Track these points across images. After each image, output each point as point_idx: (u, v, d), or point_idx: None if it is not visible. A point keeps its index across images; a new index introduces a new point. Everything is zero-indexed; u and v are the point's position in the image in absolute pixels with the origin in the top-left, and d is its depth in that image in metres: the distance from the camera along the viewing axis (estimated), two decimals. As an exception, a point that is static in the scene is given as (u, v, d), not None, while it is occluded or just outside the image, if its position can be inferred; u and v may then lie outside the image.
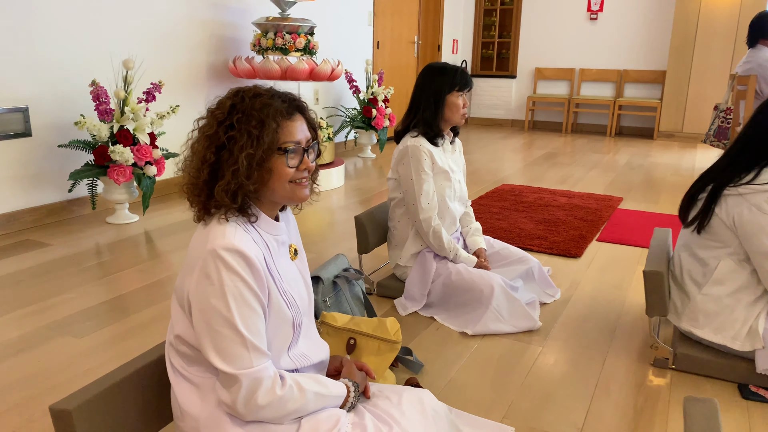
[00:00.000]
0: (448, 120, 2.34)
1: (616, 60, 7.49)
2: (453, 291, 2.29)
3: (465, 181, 2.55)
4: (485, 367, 1.94)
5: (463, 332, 2.16)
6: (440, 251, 2.34)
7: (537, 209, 3.81)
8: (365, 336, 1.64)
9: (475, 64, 8.39)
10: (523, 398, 1.76)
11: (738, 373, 1.85)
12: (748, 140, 1.87)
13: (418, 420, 1.32)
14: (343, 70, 5.01)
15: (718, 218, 1.86)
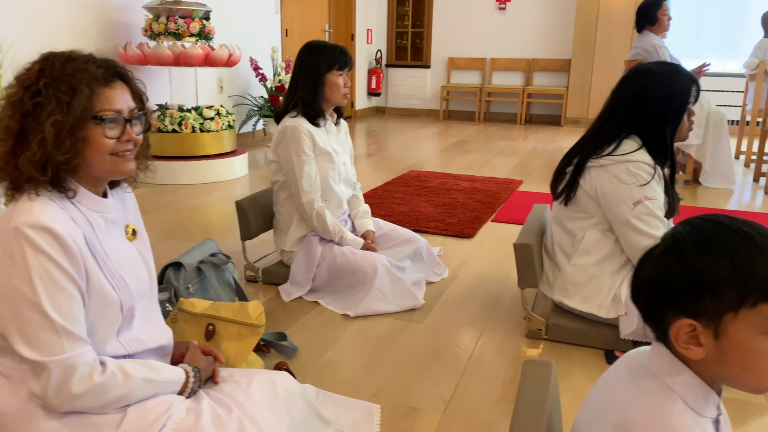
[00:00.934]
0: (329, 100, 2.29)
1: (525, 49, 7.69)
2: (338, 274, 2.25)
3: (352, 164, 2.52)
4: (362, 348, 1.91)
5: (346, 314, 2.13)
6: (325, 234, 2.29)
7: (439, 193, 3.83)
8: (225, 321, 1.57)
9: (390, 54, 8.40)
10: (395, 376, 1.75)
11: (605, 340, 1.91)
12: (609, 113, 1.92)
13: (266, 402, 1.27)
14: (241, 56, 4.85)
15: (582, 190, 1.90)
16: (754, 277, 0.69)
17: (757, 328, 0.70)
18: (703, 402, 0.75)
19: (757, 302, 0.69)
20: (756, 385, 0.74)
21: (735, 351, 0.71)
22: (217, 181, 4.15)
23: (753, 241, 0.71)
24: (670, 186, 1.90)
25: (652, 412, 0.74)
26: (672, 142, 1.88)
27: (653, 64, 1.89)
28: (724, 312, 0.70)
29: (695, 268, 0.71)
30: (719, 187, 4.23)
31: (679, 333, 0.73)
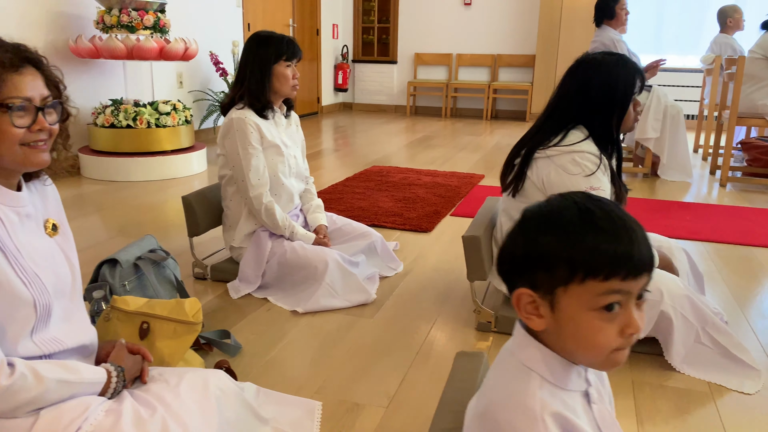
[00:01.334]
0: (277, 92, 2.24)
1: (490, 45, 7.71)
2: (288, 270, 2.20)
3: (304, 157, 2.47)
4: (309, 344, 1.87)
5: (295, 311, 2.09)
6: (275, 229, 2.24)
7: (400, 188, 3.81)
8: (160, 319, 1.52)
9: (356, 49, 8.34)
10: (340, 372, 1.71)
11: (553, 332, 1.90)
12: (556, 104, 1.91)
13: (195, 401, 1.23)
14: (198, 50, 4.75)
15: (530, 181, 1.89)
16: (583, 253, 0.69)
17: (586, 303, 0.70)
18: (562, 374, 0.75)
19: (585, 278, 0.70)
20: (593, 360, 0.74)
21: (568, 324, 0.72)
22: (174, 177, 4.06)
23: (592, 219, 0.71)
24: (616, 176, 1.90)
25: (509, 393, 0.74)
26: (618, 133, 1.88)
27: (598, 54, 1.88)
28: (556, 286, 0.72)
29: (531, 242, 0.73)
30: (677, 180, 4.29)
31: (520, 301, 0.75)
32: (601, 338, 0.71)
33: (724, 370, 1.73)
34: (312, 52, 7.49)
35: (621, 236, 0.70)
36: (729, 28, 5.04)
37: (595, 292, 0.70)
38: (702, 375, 1.72)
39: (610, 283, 0.69)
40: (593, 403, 0.79)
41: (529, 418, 0.70)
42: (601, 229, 0.70)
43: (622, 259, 0.69)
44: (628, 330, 0.71)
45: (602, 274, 0.69)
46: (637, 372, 1.74)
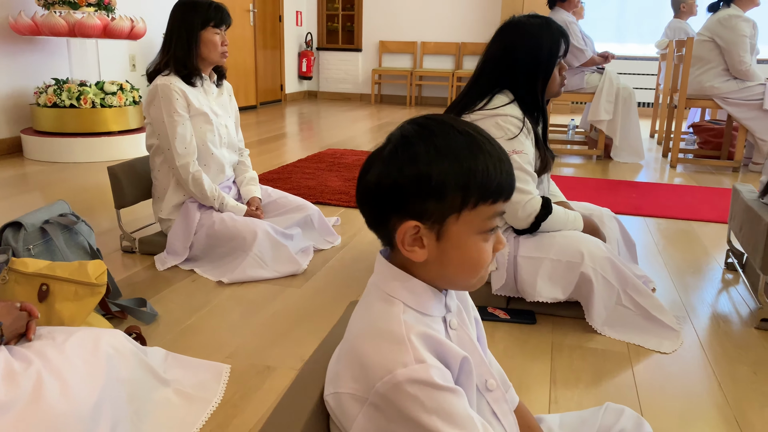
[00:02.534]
0: (205, 58, 2.18)
1: (454, 33, 7.70)
2: (216, 241, 2.15)
3: (237, 128, 2.42)
4: (229, 312, 1.82)
5: (221, 281, 2.04)
6: (203, 200, 2.19)
7: (351, 169, 3.77)
8: (60, 281, 1.46)
9: (321, 37, 8.27)
10: (256, 338, 1.67)
11: (480, 297, 1.89)
12: (482, 69, 1.89)
13: (81, 358, 1.18)
14: (146, 29, 4.64)
15: (456, 146, 1.86)
16: (477, 179, 0.69)
17: (476, 227, 0.71)
18: (426, 301, 0.74)
19: (477, 203, 0.70)
20: (469, 281, 0.75)
21: (454, 251, 0.72)
22: (122, 158, 3.95)
23: (477, 143, 0.71)
24: (542, 142, 1.88)
25: (372, 322, 0.72)
26: (544, 98, 1.86)
27: (523, 17, 1.86)
28: (448, 214, 0.70)
29: (425, 172, 0.69)
30: (629, 162, 4.33)
31: (405, 236, 0.71)
32: (483, 258, 0.73)
33: (644, 331, 1.73)
34: (274, 39, 7.40)
35: (503, 159, 0.71)
36: (683, 13, 5.10)
37: (485, 216, 0.71)
38: (622, 336, 1.72)
39: (497, 206, 0.71)
40: (452, 329, 0.78)
41: (394, 341, 0.68)
42: (488, 153, 0.70)
43: (506, 180, 0.71)
44: (499, 246, 0.75)
45: (491, 198, 0.70)
46: (559, 335, 1.74)
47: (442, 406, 0.65)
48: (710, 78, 4.01)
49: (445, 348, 0.70)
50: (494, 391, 0.79)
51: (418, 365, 0.66)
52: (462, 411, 0.66)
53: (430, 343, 0.70)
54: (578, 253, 1.73)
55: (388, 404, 0.66)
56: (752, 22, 3.93)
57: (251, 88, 6.93)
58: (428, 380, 0.65)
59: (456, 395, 0.67)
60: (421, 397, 0.65)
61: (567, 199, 2.21)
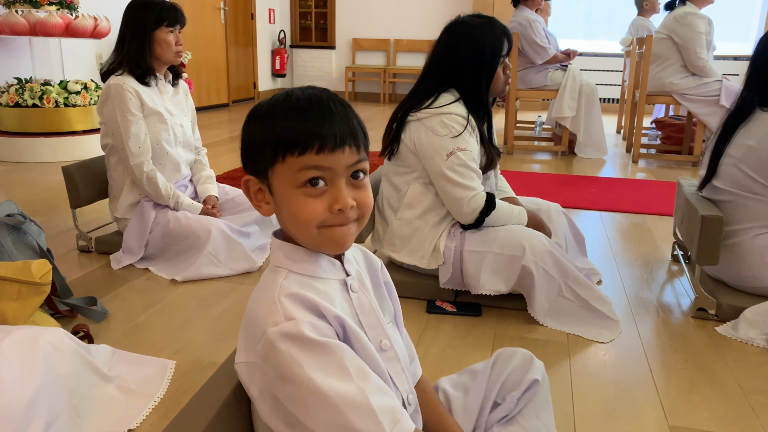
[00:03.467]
0: (159, 58, 2.20)
1: (427, 30, 7.74)
2: (171, 240, 2.17)
3: (194, 126, 2.43)
4: (180, 310, 1.85)
5: (174, 279, 2.06)
6: (158, 199, 2.20)
7: (317, 166, 3.79)
8: (2, 280, 1.47)
9: (294, 34, 8.26)
10: (205, 335, 1.70)
11: (428, 291, 1.93)
12: (428, 68, 1.93)
13: (18, 355, 1.20)
14: (111, 27, 4.59)
15: (404, 144, 1.90)
16: (279, 131, 0.74)
17: (290, 181, 0.74)
18: (309, 265, 0.78)
19: (284, 156, 0.74)
20: (308, 238, 0.77)
21: (282, 204, 0.76)
22: (87, 157, 3.93)
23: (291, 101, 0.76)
24: (487, 139, 1.92)
25: (255, 292, 0.78)
26: (488, 96, 1.91)
27: (467, 17, 1.91)
28: (267, 167, 0.76)
29: (245, 130, 0.78)
30: (592, 157, 4.41)
31: (249, 189, 0.79)
32: (305, 213, 0.74)
33: (584, 322, 1.79)
34: (246, 37, 7.38)
35: (314, 114, 0.74)
36: (646, 11, 5.19)
37: (295, 168, 0.74)
38: (563, 327, 1.78)
39: (305, 158, 0.73)
40: (353, 292, 0.82)
41: (266, 303, 0.74)
42: (298, 109, 0.74)
43: (311, 133, 0.73)
44: (336, 206, 0.75)
45: (297, 150, 0.73)
46: (503, 326, 1.79)
47: (316, 358, 0.69)
48: (669, 75, 4.10)
49: (320, 307, 0.74)
50: (387, 351, 0.84)
51: (288, 322, 0.70)
52: (339, 362, 0.71)
53: (304, 302, 0.74)
54: (520, 247, 1.78)
55: (269, 364, 0.71)
56: (707, 19, 4.03)
57: (223, 85, 6.91)
58: (298, 334, 0.69)
59: (332, 347, 0.71)
60: (293, 350, 0.69)
61: (527, 194, 2.26)
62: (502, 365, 1.03)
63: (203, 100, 6.56)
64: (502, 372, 1.01)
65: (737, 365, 1.60)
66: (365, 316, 0.83)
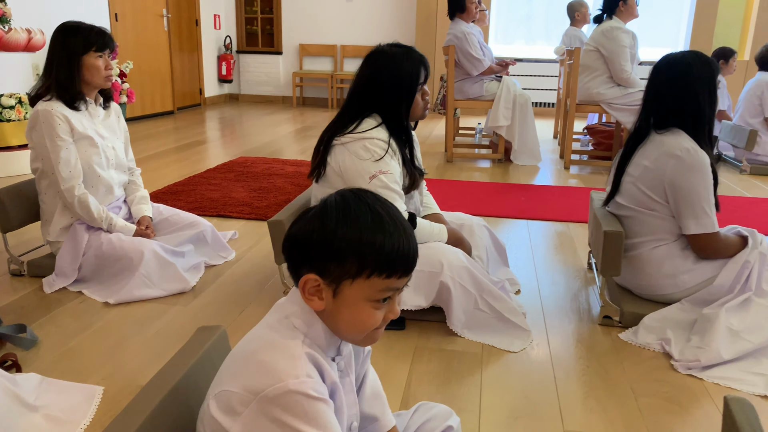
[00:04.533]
0: (89, 83, 2.22)
1: (373, 36, 7.84)
2: (104, 262, 2.20)
3: (127, 148, 2.46)
4: (112, 334, 1.89)
5: (107, 302, 2.09)
6: (92, 222, 2.23)
7: (260, 178, 3.84)
8: (-74, 314, 1.49)
9: (240, 40, 8.24)
10: (134, 359, 1.75)
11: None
12: (351, 93, 2.02)
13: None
14: (45, 40, 4.53)
15: (330, 167, 1.99)
16: (374, 253, 0.80)
17: (366, 295, 0.83)
18: (323, 341, 0.86)
19: (371, 275, 0.81)
20: (355, 338, 0.88)
21: (346, 309, 0.84)
22: (22, 173, 3.88)
23: (381, 221, 0.82)
24: (409, 161, 2.03)
25: (274, 340, 0.84)
26: (408, 121, 2.01)
27: (386, 46, 2.01)
28: (344, 277, 0.82)
29: (330, 235, 0.81)
30: (527, 164, 4.59)
31: (306, 285, 0.83)
32: (371, 322, 0.84)
33: (498, 332, 1.91)
34: (191, 43, 7.33)
35: (402, 240, 0.82)
36: (577, 21, 5.42)
37: (377, 288, 0.82)
38: (479, 338, 1.90)
39: (390, 281, 0.82)
40: (339, 371, 0.91)
41: (290, 356, 0.81)
42: (389, 233, 0.81)
43: (401, 260, 0.82)
44: (390, 316, 0.86)
45: (385, 273, 0.81)
46: (423, 339, 1.90)
47: (315, 415, 0.78)
48: (597, 85, 4.31)
49: (325, 370, 0.84)
50: None
51: (306, 378, 0.79)
52: (332, 420, 0.80)
53: (317, 363, 0.83)
54: (439, 264, 1.89)
55: (273, 407, 0.78)
56: (632, 33, 4.25)
57: (167, 92, 6.85)
58: (309, 393, 0.78)
59: (327, 405, 0.80)
60: (301, 404, 0.78)
61: (463, 204, 2.38)
62: (421, 413, 1.14)
63: (147, 108, 6.50)
64: (420, 417, 1.12)
65: (633, 370, 1.75)
66: (346, 395, 0.92)
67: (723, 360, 1.74)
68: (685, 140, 1.92)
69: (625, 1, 4.27)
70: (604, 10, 4.37)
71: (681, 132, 1.94)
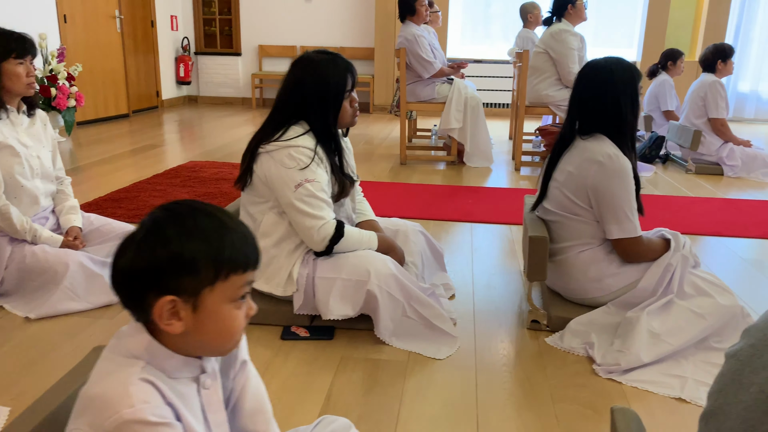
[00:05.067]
0: (10, 90, 2.15)
1: (333, 38, 7.81)
2: (27, 275, 2.14)
3: (54, 157, 2.40)
4: (29, 350, 1.83)
5: (28, 317, 2.03)
6: (15, 234, 2.16)
7: (207, 183, 3.79)
8: None
9: (198, 41, 8.12)
10: (48, 377, 1.70)
11: (285, 317, 2.01)
12: (278, 101, 2.00)
13: None
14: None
15: (256, 176, 1.96)
16: (226, 252, 0.81)
17: (228, 297, 0.82)
18: (170, 367, 0.83)
19: (229, 275, 0.81)
20: (225, 347, 0.87)
21: (209, 320, 0.82)
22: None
23: (220, 221, 0.82)
24: (338, 169, 2.01)
25: (108, 373, 0.80)
26: (336, 128, 2.00)
27: (312, 53, 1.99)
28: (202, 287, 0.81)
29: (176, 251, 0.79)
30: (480, 166, 4.62)
31: (162, 311, 0.80)
32: (236, 324, 0.85)
33: (426, 340, 1.91)
34: (146, 45, 7.20)
35: (245, 233, 0.84)
36: (530, 23, 5.48)
37: (237, 285, 0.83)
38: (407, 346, 1.90)
39: (246, 275, 0.83)
40: (204, 389, 0.88)
41: (121, 385, 0.78)
42: (231, 229, 0.82)
43: (251, 251, 0.84)
44: (251, 312, 0.87)
45: (241, 268, 0.82)
46: (351, 348, 1.89)
47: None
48: (546, 87, 4.36)
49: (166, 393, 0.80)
50: None
51: (142, 405, 0.76)
52: None
53: (157, 387, 0.80)
54: (366, 272, 1.88)
55: None
56: (579, 36, 4.31)
57: (122, 95, 6.71)
58: (148, 419, 0.75)
59: (172, 428, 0.78)
60: None
61: (408, 209, 2.37)
62: (322, 427, 1.13)
63: (100, 111, 6.36)
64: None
65: (555, 375, 1.76)
66: (213, 414, 0.89)
67: (642, 363, 1.77)
68: (607, 146, 1.94)
69: (573, 4, 4.33)
70: (553, 12, 4.42)
71: (604, 138, 1.96)
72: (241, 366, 0.98)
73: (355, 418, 1.53)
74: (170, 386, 0.82)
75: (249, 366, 0.99)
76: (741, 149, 4.49)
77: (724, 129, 4.49)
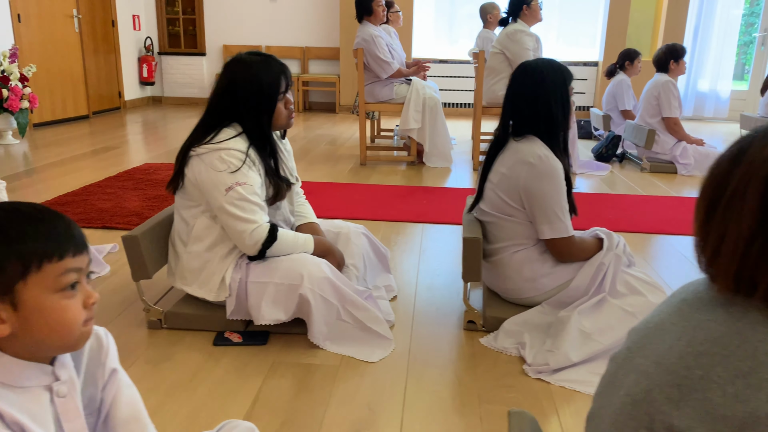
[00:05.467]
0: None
1: (299, 37, 7.78)
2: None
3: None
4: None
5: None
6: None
7: (159, 186, 3.73)
8: None
9: (162, 41, 8.02)
10: None
11: (220, 323, 1.98)
12: (210, 102, 1.97)
13: None
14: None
15: (188, 179, 1.94)
16: (31, 243, 0.76)
17: (50, 287, 0.78)
18: (13, 375, 0.79)
19: (41, 264, 0.77)
20: (67, 341, 0.81)
21: (36, 315, 0.78)
22: None
23: (20, 212, 0.78)
24: (273, 171, 1.99)
25: None
26: (270, 130, 1.98)
27: (245, 54, 1.97)
28: (14, 283, 0.76)
29: None
30: (439, 166, 4.63)
31: None
32: (70, 315, 0.79)
33: (361, 342, 1.90)
34: (107, 45, 7.08)
35: (55, 221, 0.79)
36: (490, 23, 5.50)
37: (56, 274, 0.77)
38: (341, 349, 1.89)
39: (65, 261, 0.78)
40: (59, 397, 0.84)
41: None
42: (37, 219, 0.78)
43: (66, 238, 0.79)
44: (90, 300, 0.82)
45: (56, 255, 0.77)
46: (283, 353, 1.87)
47: None
48: (502, 87, 4.37)
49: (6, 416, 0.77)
50: None
51: None
52: None
53: None
54: (299, 276, 1.87)
55: None
56: (535, 37, 4.34)
57: (81, 96, 6.59)
58: None
59: None
60: None
61: (363, 210, 2.36)
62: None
63: (58, 113, 6.24)
64: None
65: (485, 376, 1.77)
66: (69, 423, 0.85)
67: (571, 362, 1.78)
68: (538, 147, 1.95)
69: (528, 5, 4.36)
70: (509, 13, 4.45)
71: (536, 139, 1.97)
72: (111, 374, 0.94)
73: (279, 424, 1.52)
74: (13, 402, 0.79)
75: (120, 374, 0.96)
76: (694, 148, 4.56)
77: (677, 128, 4.56)
